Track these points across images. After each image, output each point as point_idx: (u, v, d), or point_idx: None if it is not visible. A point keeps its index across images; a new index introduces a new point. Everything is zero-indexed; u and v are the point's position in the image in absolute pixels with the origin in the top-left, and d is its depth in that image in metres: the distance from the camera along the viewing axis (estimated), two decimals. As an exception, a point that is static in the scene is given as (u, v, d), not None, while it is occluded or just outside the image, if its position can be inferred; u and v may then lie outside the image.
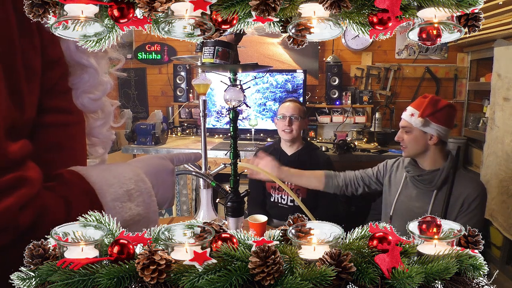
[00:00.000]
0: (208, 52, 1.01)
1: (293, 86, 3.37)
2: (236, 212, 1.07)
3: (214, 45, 1.01)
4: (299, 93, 3.37)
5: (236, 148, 1.08)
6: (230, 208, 1.07)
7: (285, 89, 3.38)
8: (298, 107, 2.27)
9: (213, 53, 1.01)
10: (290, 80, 3.37)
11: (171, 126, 3.70)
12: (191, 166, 1.29)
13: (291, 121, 2.21)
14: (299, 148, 2.28)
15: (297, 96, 3.36)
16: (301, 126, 2.26)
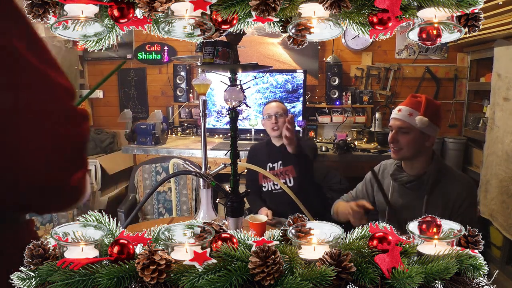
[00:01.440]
0: (208, 52, 1.01)
1: (293, 86, 3.37)
2: (236, 212, 1.07)
3: (214, 45, 1.00)
4: (299, 93, 3.37)
5: (236, 148, 1.08)
6: (230, 208, 1.07)
7: (285, 89, 3.38)
8: (281, 106, 2.45)
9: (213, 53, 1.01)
10: (290, 80, 3.37)
11: (171, 126, 3.70)
12: (191, 166, 1.29)
13: (277, 119, 2.38)
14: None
15: (297, 96, 3.36)
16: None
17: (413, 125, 1.64)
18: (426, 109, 1.63)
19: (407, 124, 1.66)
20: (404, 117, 1.66)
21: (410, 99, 1.70)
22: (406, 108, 1.67)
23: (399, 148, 1.68)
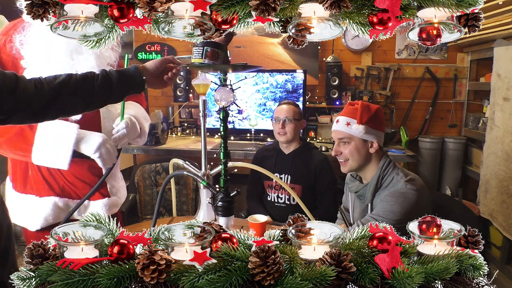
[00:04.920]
0: (197, 52, 1.01)
1: (293, 86, 3.37)
2: (227, 212, 1.08)
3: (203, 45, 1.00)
4: (299, 93, 3.37)
5: (226, 148, 1.08)
6: (221, 207, 1.08)
7: (285, 89, 3.38)
8: (293, 109, 2.24)
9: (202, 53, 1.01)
10: (290, 80, 3.37)
11: (171, 126, 3.70)
12: (191, 166, 1.29)
13: (285, 124, 2.20)
14: (296, 147, 2.28)
15: (297, 96, 3.36)
16: (296, 128, 2.24)
17: (352, 134, 1.59)
18: (362, 116, 1.57)
19: (345, 134, 1.61)
20: (342, 127, 1.62)
21: (348, 108, 1.64)
22: (343, 117, 1.62)
23: (345, 159, 1.64)
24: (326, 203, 2.20)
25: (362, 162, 1.62)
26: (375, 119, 1.61)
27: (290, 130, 2.19)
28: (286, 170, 2.24)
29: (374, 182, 1.59)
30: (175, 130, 3.67)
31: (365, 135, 1.58)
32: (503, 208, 2.59)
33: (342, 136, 1.63)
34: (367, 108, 1.60)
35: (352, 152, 1.61)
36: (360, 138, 1.59)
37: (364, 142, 1.60)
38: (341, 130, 1.63)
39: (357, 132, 1.58)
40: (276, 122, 2.23)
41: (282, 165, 2.25)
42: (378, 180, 1.59)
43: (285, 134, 2.20)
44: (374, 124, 1.60)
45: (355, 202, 1.75)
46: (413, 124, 3.68)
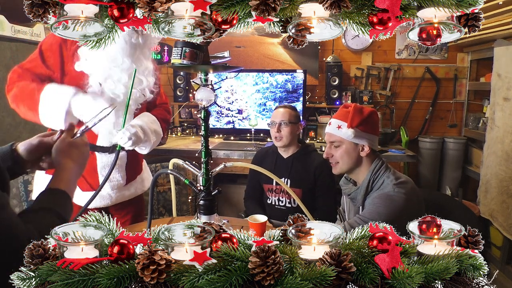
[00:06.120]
0: (176, 52, 1.01)
1: (293, 86, 3.37)
2: (208, 210, 1.08)
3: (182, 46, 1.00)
4: (299, 93, 3.37)
5: (207, 147, 1.08)
6: (202, 206, 1.08)
7: (285, 89, 3.39)
8: (289, 112, 2.21)
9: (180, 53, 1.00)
10: (290, 80, 3.37)
11: (171, 126, 3.70)
12: (191, 166, 1.29)
13: (280, 127, 2.17)
14: (295, 151, 2.26)
15: (297, 96, 3.36)
16: (293, 131, 2.20)
17: (343, 137, 1.58)
18: (353, 119, 1.55)
19: (336, 137, 1.60)
20: (333, 130, 1.61)
21: (341, 110, 1.63)
22: (335, 120, 1.62)
23: (335, 162, 1.63)
24: (326, 205, 2.20)
25: (353, 165, 1.61)
26: (367, 123, 1.59)
27: (286, 134, 2.17)
28: (286, 174, 2.22)
29: (365, 185, 1.58)
30: (175, 130, 3.68)
31: (355, 138, 1.57)
32: (503, 208, 2.59)
33: (333, 140, 1.62)
34: (359, 111, 1.58)
35: (342, 155, 1.60)
36: (350, 142, 1.58)
37: (355, 146, 1.59)
38: (332, 133, 1.62)
39: (347, 136, 1.57)
40: (272, 126, 2.21)
41: (281, 169, 2.23)
42: (369, 183, 1.58)
43: (281, 139, 2.18)
44: (366, 128, 1.58)
45: (349, 204, 1.75)
46: (413, 124, 3.68)
